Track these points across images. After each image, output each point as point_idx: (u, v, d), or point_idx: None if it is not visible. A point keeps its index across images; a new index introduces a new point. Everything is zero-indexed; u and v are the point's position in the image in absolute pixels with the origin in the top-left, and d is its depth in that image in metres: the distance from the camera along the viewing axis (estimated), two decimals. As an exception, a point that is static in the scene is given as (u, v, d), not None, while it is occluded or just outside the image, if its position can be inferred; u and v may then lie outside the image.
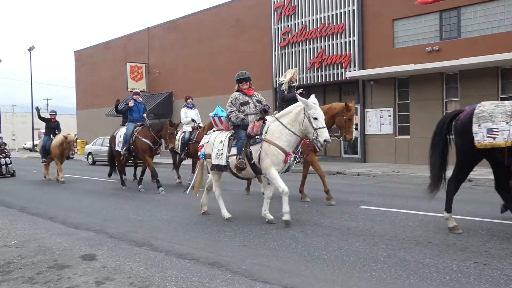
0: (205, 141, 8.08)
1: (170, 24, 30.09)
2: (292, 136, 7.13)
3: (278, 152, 7.06)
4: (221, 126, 8.08)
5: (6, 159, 17.71)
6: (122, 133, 12.71)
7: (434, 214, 7.57)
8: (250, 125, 7.35)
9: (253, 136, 7.28)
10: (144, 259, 5.37)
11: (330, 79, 21.06)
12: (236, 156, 7.35)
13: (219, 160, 7.62)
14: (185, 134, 12.86)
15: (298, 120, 7.12)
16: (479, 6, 16.77)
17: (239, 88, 7.86)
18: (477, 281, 4.33)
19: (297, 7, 22.20)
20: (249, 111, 7.62)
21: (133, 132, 12.39)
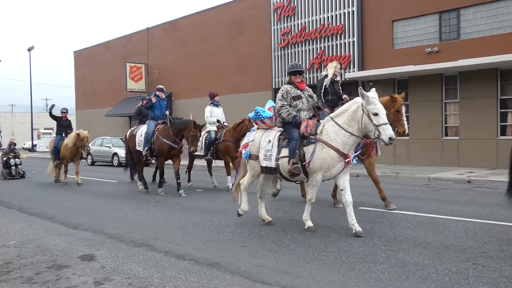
0: (250, 139, 7.34)
1: (170, 24, 30.10)
2: (350, 137, 6.43)
3: (332, 156, 6.38)
4: (264, 126, 7.31)
5: (16, 159, 17.06)
6: (143, 131, 11.91)
7: (433, 216, 7.58)
8: (303, 124, 6.63)
9: (307, 136, 6.58)
10: (143, 260, 5.37)
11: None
12: (289, 160, 6.61)
13: (268, 162, 6.91)
14: (211, 133, 12.10)
15: (356, 119, 6.39)
16: (478, 7, 16.79)
17: (290, 80, 7.08)
18: (476, 282, 4.33)
19: (296, 8, 22.21)
20: (302, 107, 6.89)
21: (154, 131, 11.63)
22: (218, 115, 12.45)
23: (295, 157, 6.54)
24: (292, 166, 6.52)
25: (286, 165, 6.68)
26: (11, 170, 16.73)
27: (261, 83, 23.62)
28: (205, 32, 27.14)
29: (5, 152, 17.44)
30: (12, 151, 17.28)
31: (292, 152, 6.60)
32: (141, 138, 11.84)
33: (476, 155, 16.35)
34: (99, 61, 36.18)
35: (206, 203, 9.70)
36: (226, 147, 11.78)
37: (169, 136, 11.21)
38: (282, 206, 9.08)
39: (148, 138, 11.61)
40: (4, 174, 16.62)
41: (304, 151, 6.53)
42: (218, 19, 26.46)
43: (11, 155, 16.99)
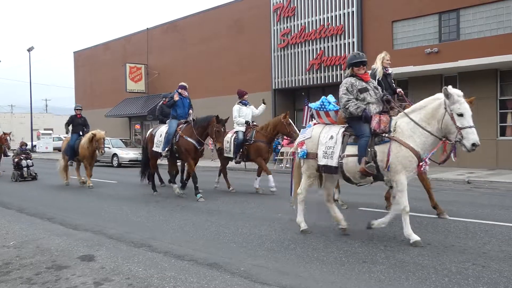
0: (307, 136, 6.64)
1: (169, 25, 30.12)
2: (428, 136, 5.77)
3: (410, 156, 5.75)
4: (326, 120, 6.68)
5: (28, 161, 16.21)
6: (163, 131, 11.15)
7: (433, 216, 7.58)
8: (375, 119, 5.98)
9: (380, 133, 5.93)
10: (142, 260, 5.36)
11: (329, 80, 21.07)
12: (359, 158, 5.96)
13: (329, 160, 6.26)
14: (238, 134, 11.38)
15: (436, 117, 5.74)
16: (478, 8, 16.80)
17: (353, 73, 6.45)
18: (475, 283, 4.33)
19: (296, 8, 22.22)
20: (371, 100, 6.23)
21: (176, 131, 10.83)
22: (247, 115, 11.73)
23: (368, 156, 5.87)
24: (366, 165, 5.84)
25: (351, 165, 6.07)
26: (23, 171, 15.94)
27: (261, 83, 23.61)
28: (205, 33, 27.15)
29: (16, 153, 16.63)
30: (24, 152, 16.53)
31: (363, 150, 5.93)
32: (161, 138, 11.13)
33: (475, 155, 16.27)
34: (99, 61, 36.20)
35: (206, 204, 9.69)
36: (259, 148, 11.13)
37: (193, 136, 10.42)
38: (281, 206, 9.07)
39: (169, 138, 10.85)
40: (16, 176, 15.97)
41: (376, 150, 5.89)
42: (218, 20, 26.48)
43: (22, 156, 16.21)
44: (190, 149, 10.46)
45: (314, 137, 6.53)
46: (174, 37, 29.41)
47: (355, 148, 6.07)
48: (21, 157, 16.07)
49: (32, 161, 16.49)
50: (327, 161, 6.27)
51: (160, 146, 11.08)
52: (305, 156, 6.56)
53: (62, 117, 68.18)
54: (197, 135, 10.35)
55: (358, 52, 6.65)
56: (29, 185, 14.56)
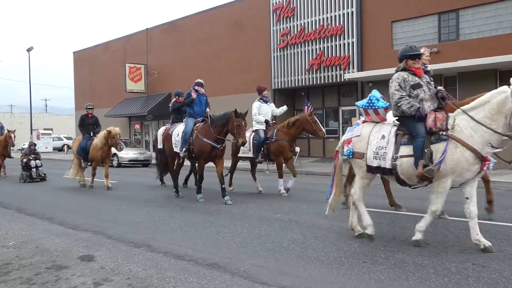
0: (355, 134, 6.22)
1: (169, 25, 30.13)
2: (492, 135, 5.31)
3: (467, 158, 5.33)
4: (375, 118, 6.25)
5: (37, 161, 15.65)
6: (180, 130, 10.65)
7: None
8: (430, 117, 5.56)
9: (436, 132, 5.50)
10: (142, 260, 5.36)
11: (329, 80, 21.09)
12: (415, 161, 5.51)
13: (381, 161, 5.85)
14: (259, 132, 10.95)
15: (503, 112, 5.24)
16: (477, 8, 16.82)
17: (406, 66, 5.99)
18: (475, 283, 4.33)
19: (296, 8, 22.23)
20: (424, 96, 5.77)
21: (193, 130, 10.30)
22: (267, 113, 11.30)
23: (425, 158, 5.45)
24: (424, 169, 5.38)
25: (407, 166, 5.66)
26: (32, 172, 15.42)
27: (261, 83, 23.27)
28: (205, 33, 27.16)
29: (24, 153, 16.08)
30: (33, 152, 15.95)
31: (419, 151, 5.50)
32: (178, 138, 10.60)
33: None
34: (98, 61, 36.21)
35: (206, 204, 9.69)
36: (280, 146, 10.76)
37: (210, 135, 9.83)
38: (281, 206, 9.08)
39: (186, 138, 10.30)
40: (24, 176, 15.44)
41: (432, 150, 5.48)
42: (217, 20, 26.49)
43: (31, 156, 15.68)
44: (204, 150, 9.88)
45: (363, 136, 6.12)
46: (174, 37, 29.41)
47: (409, 148, 5.67)
48: (30, 157, 15.62)
49: (41, 161, 15.99)
50: (380, 162, 5.87)
51: (178, 146, 10.61)
52: (350, 155, 6.19)
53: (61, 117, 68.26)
54: (215, 134, 9.78)
55: (412, 45, 6.14)
56: (29, 185, 14.56)
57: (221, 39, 26.11)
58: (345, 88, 21.49)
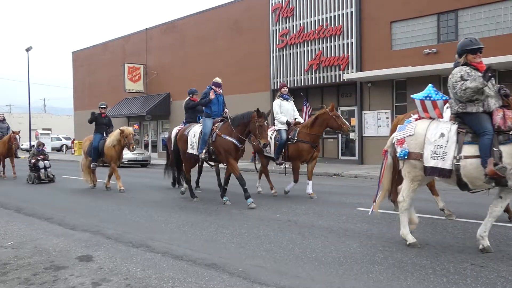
0: (409, 133, 5.74)
1: (168, 25, 30.12)
2: None
3: None
4: (433, 113, 5.77)
5: (45, 162, 15.17)
6: (197, 131, 10.13)
7: (431, 216, 7.59)
8: (498, 114, 5.16)
9: (505, 131, 5.09)
10: (141, 260, 5.36)
11: (328, 81, 21.10)
12: (482, 160, 5.09)
13: (439, 161, 5.39)
14: (281, 133, 10.43)
15: None
16: (476, 9, 16.84)
17: (467, 61, 5.58)
18: (474, 283, 4.33)
19: (295, 9, 22.24)
20: (489, 92, 5.36)
21: (212, 130, 9.83)
22: (288, 110, 10.73)
23: (494, 156, 5.03)
24: (496, 167, 4.96)
25: (471, 168, 5.21)
26: (40, 173, 14.94)
27: (260, 84, 23.64)
28: (204, 33, 27.15)
29: (32, 153, 15.59)
30: (41, 153, 15.48)
31: (487, 149, 5.06)
32: (195, 139, 10.04)
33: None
34: (97, 61, 36.18)
35: (204, 204, 9.69)
36: (299, 149, 10.15)
37: (232, 134, 9.39)
38: (280, 207, 9.07)
39: (205, 138, 9.78)
40: (32, 177, 14.94)
41: (501, 150, 5.03)
42: (216, 20, 26.48)
43: (40, 157, 15.19)
44: (230, 149, 9.37)
45: (418, 134, 5.63)
46: (173, 37, 29.41)
47: (474, 148, 5.22)
48: (38, 158, 15.14)
49: (49, 162, 15.55)
50: (437, 162, 5.39)
51: (195, 147, 10.01)
52: (406, 156, 5.70)
53: (60, 117, 68.24)
54: (237, 133, 9.33)
55: (473, 38, 5.71)
56: (27, 186, 14.54)
57: (220, 39, 26.11)
58: (344, 88, 21.49)
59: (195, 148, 10.04)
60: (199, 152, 9.91)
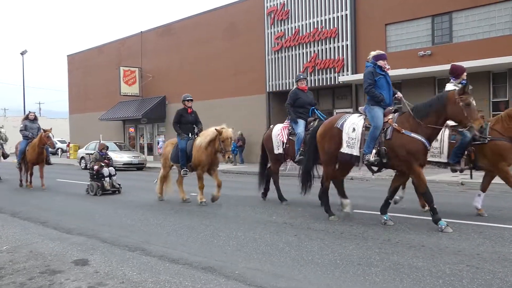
0: None
1: (164, 28, 30.11)
2: None
3: None
4: None
5: (110, 168, 12.80)
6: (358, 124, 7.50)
7: (427, 218, 7.60)
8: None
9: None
10: (137, 264, 5.34)
11: (323, 83, 21.14)
12: None
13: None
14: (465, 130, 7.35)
15: None
16: (470, 11, 16.93)
17: None
18: (470, 284, 4.34)
19: (290, 11, 22.29)
20: None
21: (386, 123, 7.26)
22: None
23: None
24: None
25: None
26: (104, 182, 12.50)
27: (255, 86, 23.66)
28: (199, 36, 27.16)
29: (95, 158, 13.03)
30: (105, 158, 13.09)
31: None
32: (355, 134, 7.45)
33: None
34: (92, 65, 36.11)
35: (201, 207, 9.67)
36: (499, 149, 7.51)
37: (418, 130, 6.92)
38: (275, 209, 9.07)
39: (376, 135, 7.23)
40: (95, 188, 12.42)
41: None
42: (212, 23, 26.50)
43: (103, 162, 12.84)
44: (416, 150, 6.88)
45: None
46: (168, 40, 29.40)
47: None
48: (102, 163, 12.74)
49: (114, 169, 13.22)
50: None
51: (355, 146, 7.45)
52: None
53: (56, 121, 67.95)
54: (426, 128, 6.89)
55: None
56: (22, 189, 14.45)
57: (215, 42, 26.12)
58: (339, 90, 21.54)
59: (355, 147, 7.46)
60: (366, 153, 7.26)
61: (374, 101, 7.46)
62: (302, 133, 9.18)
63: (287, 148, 9.68)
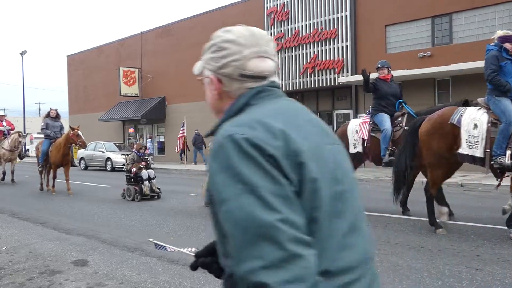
0: None
1: (163, 28, 30.11)
2: None
3: None
4: None
5: (149, 171, 11.51)
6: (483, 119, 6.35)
7: (427, 219, 7.59)
8: None
9: None
10: (136, 265, 5.34)
11: (323, 84, 21.13)
12: None
13: None
14: None
15: None
16: (470, 12, 16.93)
17: None
18: (469, 285, 4.34)
19: (290, 12, 22.29)
20: None
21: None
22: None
23: None
24: None
25: None
26: (143, 186, 11.23)
27: (255, 87, 23.65)
28: (199, 37, 27.14)
29: (132, 159, 11.64)
30: (143, 159, 11.74)
31: None
32: (477, 131, 6.27)
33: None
34: (92, 65, 36.10)
35: (200, 208, 9.67)
36: None
37: None
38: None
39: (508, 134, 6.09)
40: (132, 192, 11.17)
41: None
42: (211, 24, 26.47)
43: (142, 164, 11.53)
44: None
45: None
46: (168, 41, 29.40)
47: None
48: (140, 165, 11.43)
49: (153, 171, 11.85)
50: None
51: (480, 146, 6.28)
52: None
53: (55, 121, 68.02)
54: None
55: None
56: (21, 190, 14.44)
57: (215, 42, 26.11)
58: (339, 91, 21.53)
59: (478, 147, 6.28)
60: (497, 155, 6.09)
61: (499, 91, 6.31)
62: (389, 129, 7.93)
63: (368, 147, 8.40)
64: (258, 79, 1.35)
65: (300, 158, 1.16)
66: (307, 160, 1.17)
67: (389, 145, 7.84)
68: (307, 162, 1.17)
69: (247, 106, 1.32)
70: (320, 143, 1.25)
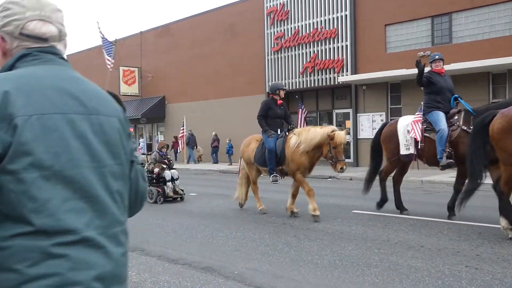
0: None
1: (163, 28, 30.10)
2: None
3: None
4: None
5: (172, 171, 10.84)
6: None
7: (426, 218, 7.60)
8: None
9: None
10: (136, 264, 5.34)
11: (323, 83, 21.14)
12: None
13: None
14: None
15: None
16: (470, 12, 16.92)
17: None
18: (469, 285, 4.34)
19: (290, 12, 22.28)
20: None
21: None
22: None
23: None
24: None
25: None
26: (165, 187, 10.55)
27: (254, 87, 23.63)
28: (198, 36, 27.15)
29: (154, 159, 11.00)
30: (166, 158, 11.16)
31: None
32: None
33: (468, 158, 16.43)
34: (92, 65, 36.08)
35: (200, 207, 9.67)
36: None
37: None
38: (275, 209, 9.06)
39: None
40: (155, 194, 10.45)
41: None
42: (211, 23, 26.49)
43: (164, 164, 10.93)
44: None
45: None
46: (168, 41, 29.39)
47: None
48: (163, 165, 10.85)
49: (176, 171, 11.11)
50: None
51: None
52: None
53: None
54: None
55: None
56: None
57: (214, 42, 26.10)
58: (339, 91, 21.53)
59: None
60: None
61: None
62: (446, 130, 7.17)
63: (422, 148, 7.66)
64: (38, 40, 1.45)
65: (15, 121, 1.25)
66: (21, 124, 1.25)
67: (446, 146, 7.15)
68: (21, 127, 1.25)
69: (14, 68, 1.41)
70: (50, 111, 1.31)
